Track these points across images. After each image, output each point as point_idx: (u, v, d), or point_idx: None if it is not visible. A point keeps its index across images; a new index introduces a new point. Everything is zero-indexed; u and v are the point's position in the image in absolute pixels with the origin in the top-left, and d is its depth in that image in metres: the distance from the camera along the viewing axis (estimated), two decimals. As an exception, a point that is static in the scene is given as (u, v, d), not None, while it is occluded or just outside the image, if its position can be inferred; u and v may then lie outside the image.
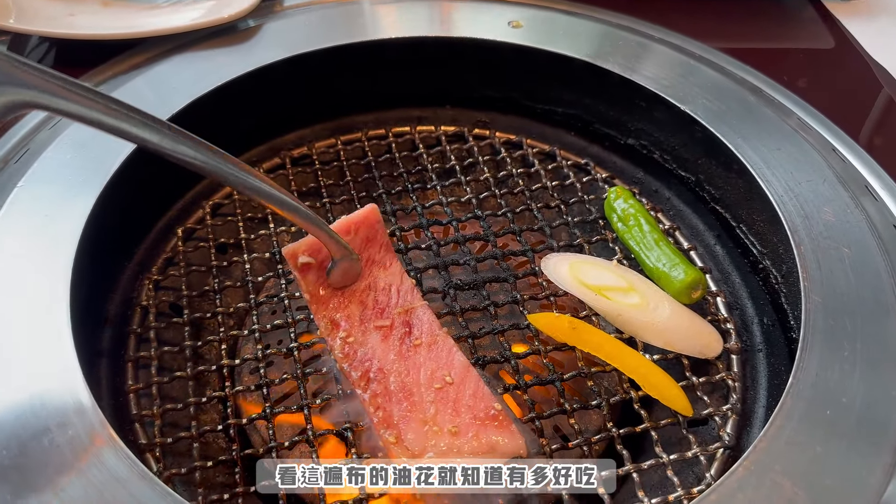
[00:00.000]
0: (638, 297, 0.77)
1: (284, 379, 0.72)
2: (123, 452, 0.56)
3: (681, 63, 0.94)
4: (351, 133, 1.01)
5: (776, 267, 0.80)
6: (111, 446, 0.57)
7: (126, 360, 0.76)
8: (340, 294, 0.75)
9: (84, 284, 0.70)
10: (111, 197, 0.75)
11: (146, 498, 0.54)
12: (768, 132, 0.83)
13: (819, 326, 0.64)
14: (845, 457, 0.56)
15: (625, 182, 0.96)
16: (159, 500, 0.54)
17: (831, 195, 0.76)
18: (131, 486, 0.54)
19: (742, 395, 0.75)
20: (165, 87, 0.88)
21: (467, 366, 0.70)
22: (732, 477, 0.55)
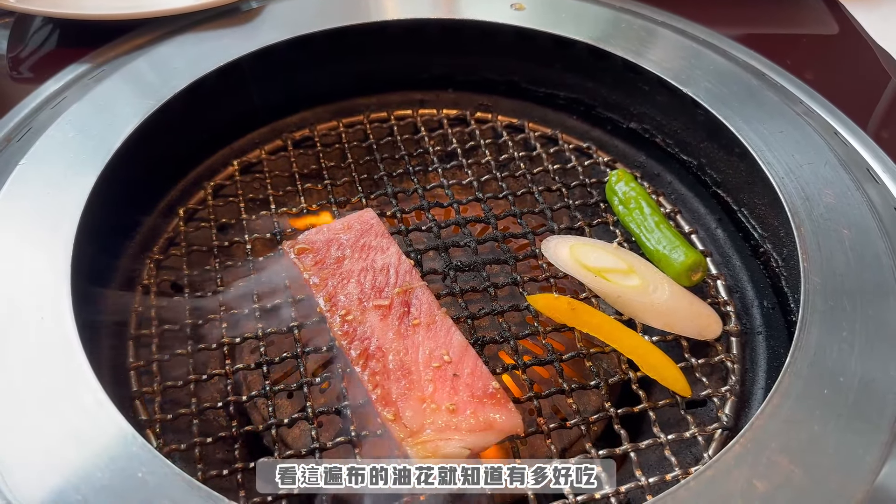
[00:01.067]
0: (638, 279, 0.77)
1: (284, 358, 0.73)
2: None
3: (684, 47, 0.94)
4: (353, 116, 1.01)
5: (777, 250, 0.80)
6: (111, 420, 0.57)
7: (127, 338, 0.76)
8: (339, 275, 0.75)
9: (85, 262, 0.70)
10: (113, 175, 0.75)
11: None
12: (770, 115, 0.83)
13: (818, 307, 0.64)
14: (842, 435, 0.56)
15: (626, 166, 0.96)
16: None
17: (832, 178, 0.75)
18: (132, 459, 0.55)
19: (741, 377, 0.75)
20: (167, 67, 0.88)
21: (465, 345, 0.70)
22: (729, 454, 0.55)
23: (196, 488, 0.53)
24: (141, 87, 0.84)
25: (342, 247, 0.78)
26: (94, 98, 0.82)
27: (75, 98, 0.83)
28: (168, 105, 0.82)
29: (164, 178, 0.89)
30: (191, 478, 0.54)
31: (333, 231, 0.80)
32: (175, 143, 0.88)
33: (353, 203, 0.88)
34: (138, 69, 0.87)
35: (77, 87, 0.87)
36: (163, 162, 0.86)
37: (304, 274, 0.75)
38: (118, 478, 0.53)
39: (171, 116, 0.83)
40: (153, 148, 0.81)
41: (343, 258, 0.77)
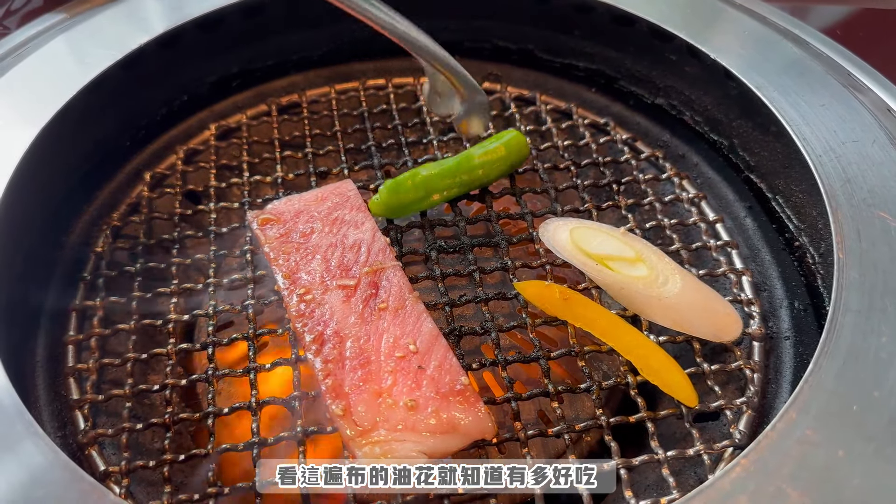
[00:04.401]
0: (646, 269, 0.67)
1: (234, 339, 0.65)
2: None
3: (716, 10, 0.83)
4: (348, 82, 0.93)
5: (814, 245, 0.69)
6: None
7: (70, 309, 0.69)
8: (304, 249, 0.67)
9: (19, 222, 0.63)
10: (60, 133, 0.68)
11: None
12: (812, 87, 0.72)
13: (853, 306, 0.53)
14: (871, 463, 0.45)
15: (648, 145, 0.86)
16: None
17: (881, 158, 0.64)
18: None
19: (761, 388, 0.64)
20: (138, 17, 0.81)
21: (436, 335, 0.61)
22: (726, 478, 0.45)
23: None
24: (106, 37, 0.77)
25: (312, 219, 0.70)
26: (54, 48, 0.76)
27: (37, 48, 0.76)
28: (133, 58, 0.75)
29: (131, 139, 0.82)
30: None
31: (305, 202, 0.72)
32: (143, 103, 0.81)
33: (334, 174, 0.80)
34: (108, 18, 0.80)
35: (45, 37, 0.81)
36: (129, 122, 0.79)
37: (265, 247, 0.67)
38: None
39: (138, 71, 0.76)
40: (115, 105, 0.75)
41: (311, 232, 0.69)
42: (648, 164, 0.84)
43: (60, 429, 0.61)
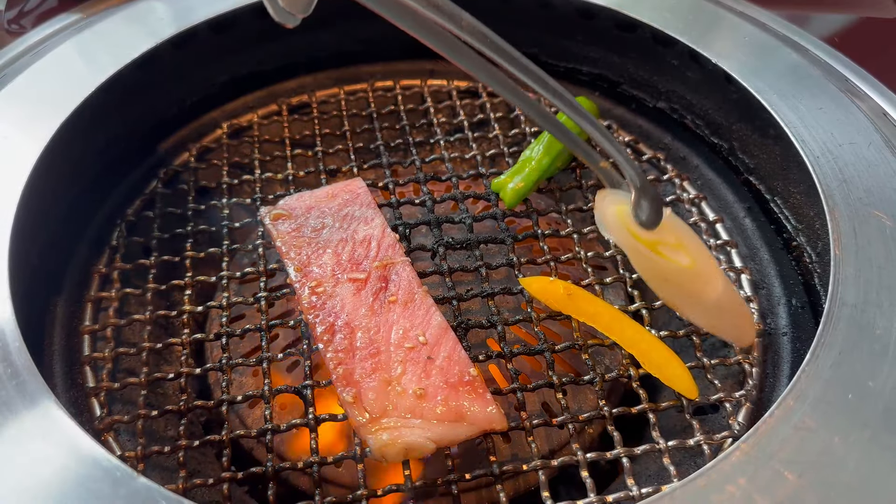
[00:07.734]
0: (688, 259, 0.63)
1: (248, 330, 0.66)
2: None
3: (719, 17, 0.85)
4: (356, 83, 0.94)
5: (811, 244, 0.71)
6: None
7: (86, 300, 0.71)
8: (315, 244, 0.68)
9: (37, 217, 0.65)
10: (75, 131, 0.70)
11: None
12: (810, 91, 0.73)
13: (849, 300, 0.55)
14: (867, 449, 0.47)
15: (650, 147, 0.88)
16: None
17: (876, 159, 0.66)
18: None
19: (759, 382, 0.66)
20: (153, 17, 0.82)
21: (445, 327, 0.62)
22: (727, 461, 0.47)
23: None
24: (121, 38, 0.79)
25: (323, 215, 0.72)
26: (70, 48, 0.78)
27: (53, 47, 0.78)
28: (147, 58, 0.77)
29: (144, 138, 0.84)
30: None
31: (316, 198, 0.73)
32: (156, 102, 0.83)
33: (343, 172, 0.81)
34: (123, 19, 0.82)
35: (61, 37, 0.82)
36: (143, 121, 0.81)
37: (277, 241, 0.69)
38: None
39: (152, 71, 0.78)
40: (129, 104, 0.76)
41: (322, 227, 0.71)
42: (650, 166, 0.86)
43: (77, 415, 0.63)
